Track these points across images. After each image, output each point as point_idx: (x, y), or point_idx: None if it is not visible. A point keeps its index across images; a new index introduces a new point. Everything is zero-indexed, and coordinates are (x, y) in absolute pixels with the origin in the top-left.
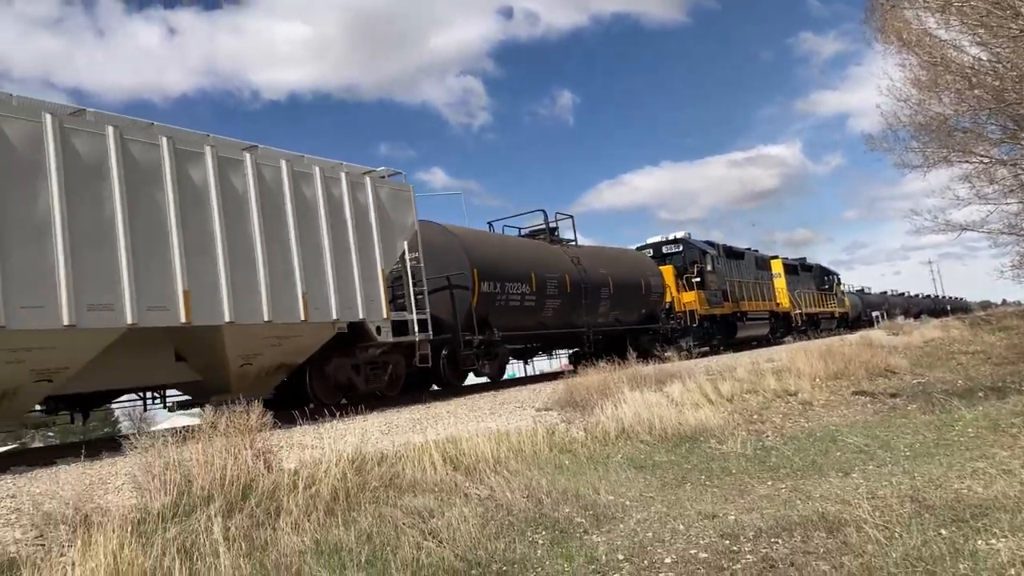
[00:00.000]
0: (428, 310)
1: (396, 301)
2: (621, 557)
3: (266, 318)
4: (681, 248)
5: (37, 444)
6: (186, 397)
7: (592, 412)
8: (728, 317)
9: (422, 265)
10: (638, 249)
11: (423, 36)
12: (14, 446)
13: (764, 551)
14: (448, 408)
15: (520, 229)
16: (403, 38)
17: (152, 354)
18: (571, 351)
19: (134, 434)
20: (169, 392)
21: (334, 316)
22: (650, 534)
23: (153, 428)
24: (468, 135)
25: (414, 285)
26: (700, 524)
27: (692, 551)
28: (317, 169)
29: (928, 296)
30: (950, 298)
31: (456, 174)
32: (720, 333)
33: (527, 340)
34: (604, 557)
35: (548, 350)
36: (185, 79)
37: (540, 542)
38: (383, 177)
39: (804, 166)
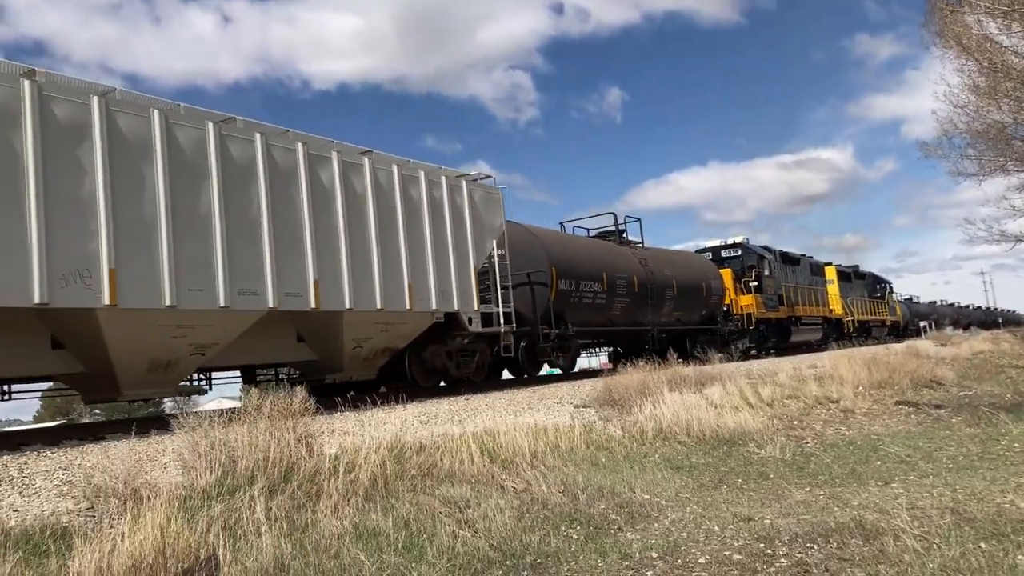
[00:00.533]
0: (512, 304)
1: (482, 294)
2: (655, 555)
3: (378, 306)
4: (739, 252)
5: (85, 420)
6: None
7: (630, 411)
8: (783, 321)
9: (508, 262)
10: (697, 252)
11: (472, 30)
12: (63, 421)
13: (799, 556)
14: (487, 401)
15: (589, 230)
16: (452, 32)
17: (279, 335)
18: (610, 349)
19: (182, 413)
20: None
21: (434, 306)
22: (684, 534)
23: (196, 409)
24: (514, 130)
25: (500, 280)
26: (735, 526)
27: (726, 552)
28: (422, 173)
29: (979, 307)
30: (1002, 310)
31: (501, 168)
32: (775, 336)
33: (597, 336)
34: (638, 554)
35: (614, 345)
36: (237, 66)
37: (575, 537)
38: (476, 180)
39: (855, 171)
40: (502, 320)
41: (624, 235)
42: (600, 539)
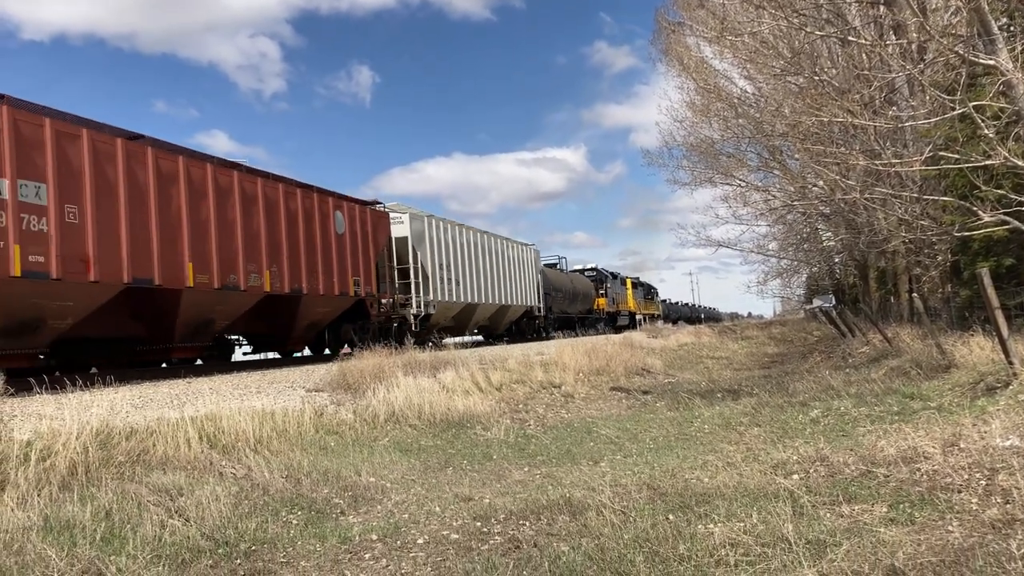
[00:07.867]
0: (543, 303)
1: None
2: (375, 537)
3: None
4: (596, 273)
5: None
6: None
7: (364, 395)
8: (614, 314)
9: (541, 284)
10: (572, 271)
11: None
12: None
13: (512, 532)
14: (211, 384)
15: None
16: None
17: None
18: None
19: None
20: None
21: (522, 302)
22: (406, 515)
23: None
24: (258, 101)
25: (541, 291)
26: (456, 506)
27: (445, 532)
28: (515, 246)
29: (687, 304)
30: (704, 307)
31: (241, 139)
32: (612, 323)
33: (559, 319)
34: (358, 537)
35: (567, 323)
36: None
37: (294, 522)
38: (531, 245)
39: (588, 172)
40: (543, 310)
41: (557, 265)
42: (321, 523)
